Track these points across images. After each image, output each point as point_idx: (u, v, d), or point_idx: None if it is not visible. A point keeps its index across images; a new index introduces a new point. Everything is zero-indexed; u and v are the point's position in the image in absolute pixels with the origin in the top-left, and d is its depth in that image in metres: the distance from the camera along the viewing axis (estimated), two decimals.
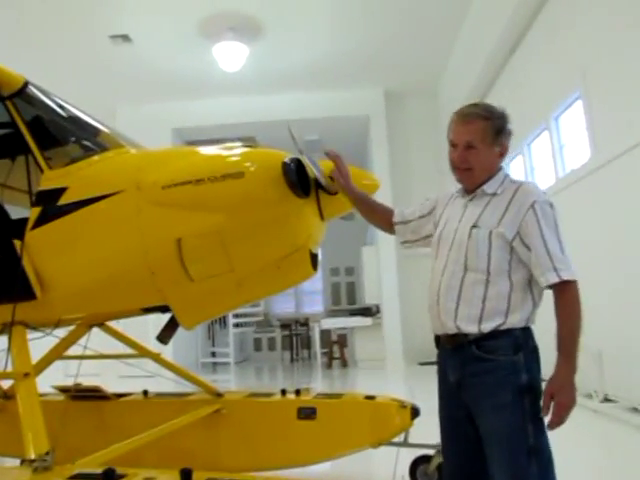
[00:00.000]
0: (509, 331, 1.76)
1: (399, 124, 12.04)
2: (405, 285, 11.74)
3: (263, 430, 3.50)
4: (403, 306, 11.61)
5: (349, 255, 15.32)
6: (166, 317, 2.89)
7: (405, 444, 3.43)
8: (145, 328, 4.59)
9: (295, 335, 15.14)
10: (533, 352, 1.79)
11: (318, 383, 11.23)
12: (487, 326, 1.76)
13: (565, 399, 1.66)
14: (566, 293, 1.73)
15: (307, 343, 15.25)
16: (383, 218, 2.32)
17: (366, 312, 12.84)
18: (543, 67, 7.07)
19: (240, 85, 11.06)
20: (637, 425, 4.63)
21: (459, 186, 2.06)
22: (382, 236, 11.53)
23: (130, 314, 3.02)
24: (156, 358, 3.48)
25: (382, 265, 11.69)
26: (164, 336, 2.82)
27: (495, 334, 1.75)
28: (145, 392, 3.90)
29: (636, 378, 4.91)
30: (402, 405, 3.43)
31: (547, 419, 1.72)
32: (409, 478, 3.39)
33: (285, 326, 15.33)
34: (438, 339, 1.98)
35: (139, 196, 2.50)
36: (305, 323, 15.34)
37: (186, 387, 3.86)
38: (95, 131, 3.09)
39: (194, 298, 2.63)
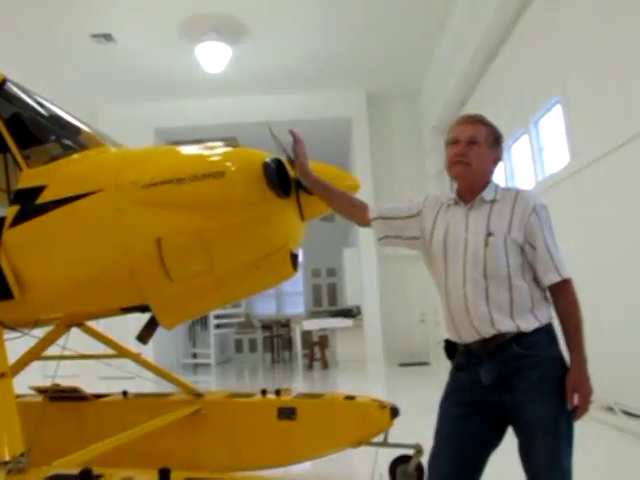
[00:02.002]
0: (542, 327, 1.87)
1: (381, 127, 12.11)
2: (386, 287, 11.80)
3: (243, 430, 3.50)
4: (384, 308, 11.67)
5: (330, 257, 15.36)
6: (146, 317, 2.88)
7: (385, 444, 3.45)
8: (125, 328, 4.56)
9: (276, 336, 15.12)
10: (559, 344, 1.92)
11: (299, 384, 11.23)
12: (523, 324, 1.86)
13: (586, 390, 1.82)
14: (567, 291, 1.87)
15: (288, 344, 15.24)
16: (350, 206, 2.30)
17: (347, 313, 12.88)
18: (523, 72, 7.16)
19: (223, 86, 11.05)
20: (613, 424, 4.71)
21: (443, 191, 2.10)
22: (363, 238, 11.58)
23: (109, 314, 3.00)
24: (136, 358, 3.46)
25: (363, 267, 11.73)
26: (144, 336, 2.81)
27: (532, 331, 1.86)
28: (124, 393, 3.88)
29: (611, 378, 4.99)
30: (382, 405, 3.45)
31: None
32: (388, 478, 3.41)
33: (266, 327, 15.31)
34: (453, 347, 2.02)
35: (119, 195, 2.49)
36: (286, 324, 15.33)
37: (166, 388, 3.84)
38: (75, 129, 3.07)
39: (174, 298, 2.62)
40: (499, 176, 8.25)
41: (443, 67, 10.04)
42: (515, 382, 1.85)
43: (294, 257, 2.78)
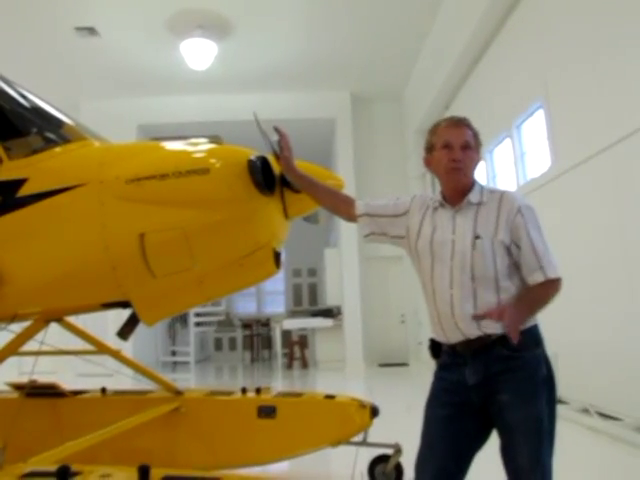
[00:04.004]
0: (528, 328, 1.87)
1: (364, 128, 12.15)
2: (366, 287, 11.84)
3: (223, 429, 3.49)
4: (364, 308, 11.71)
5: (311, 256, 15.36)
6: (126, 313, 2.85)
7: (364, 443, 3.47)
8: (104, 325, 4.52)
9: (256, 335, 15.09)
10: (544, 345, 1.94)
11: (278, 383, 11.21)
12: None
13: (509, 316, 1.76)
14: (551, 287, 1.89)
15: (268, 343, 15.21)
16: (335, 201, 2.29)
17: (327, 313, 12.88)
18: (506, 76, 7.24)
19: (208, 83, 10.99)
20: (588, 425, 4.78)
21: (428, 193, 2.11)
22: (345, 238, 11.61)
23: (90, 309, 2.97)
24: (116, 355, 3.42)
25: (344, 267, 11.75)
26: (124, 332, 2.78)
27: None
28: (103, 390, 3.83)
29: (587, 380, 5.07)
30: (362, 405, 3.46)
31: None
32: (367, 477, 3.43)
33: (246, 326, 15.26)
34: (438, 347, 2.03)
35: (102, 189, 2.46)
36: (266, 323, 15.31)
37: (145, 385, 3.81)
38: (58, 123, 3.03)
39: (155, 294, 2.60)
40: (481, 178, 8.32)
41: (427, 70, 10.10)
42: (500, 383, 1.86)
43: (277, 255, 2.78)
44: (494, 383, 1.87)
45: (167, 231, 2.43)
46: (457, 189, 2.00)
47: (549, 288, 1.89)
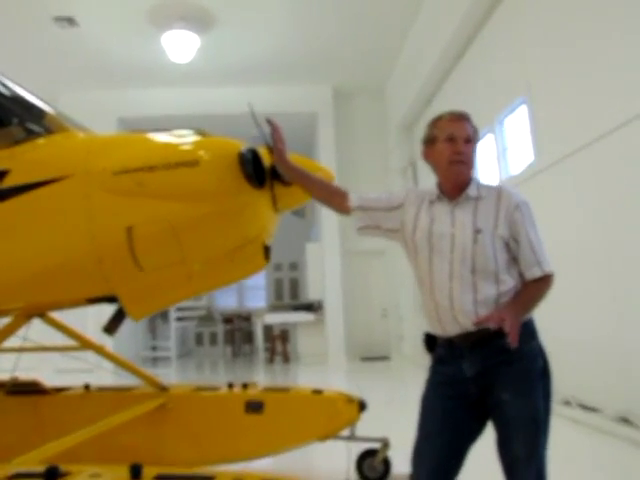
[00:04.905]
0: (525, 322, 1.88)
1: (347, 122, 12.13)
2: (348, 282, 11.85)
3: (210, 425, 3.45)
4: (346, 302, 11.72)
5: (293, 251, 15.31)
6: (107, 309, 2.79)
7: (352, 438, 3.47)
8: (84, 320, 4.44)
9: (237, 330, 15.03)
10: (539, 338, 1.96)
11: (260, 377, 11.17)
12: None
13: (507, 315, 1.75)
14: (544, 283, 1.92)
15: (249, 338, 15.16)
16: (328, 194, 2.26)
17: (309, 308, 12.87)
18: (490, 72, 7.26)
19: (190, 76, 10.86)
20: (570, 417, 4.85)
21: (420, 187, 2.10)
22: (327, 233, 11.61)
23: (74, 304, 2.90)
24: (100, 351, 3.36)
25: (326, 261, 11.74)
26: (111, 327, 2.73)
27: None
28: (87, 386, 3.77)
29: (569, 372, 5.13)
30: (349, 399, 3.46)
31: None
32: (355, 472, 3.43)
33: (227, 321, 15.18)
34: (433, 341, 2.02)
35: (88, 181, 2.40)
36: (248, 318, 15.24)
37: (128, 381, 3.75)
38: (40, 113, 2.94)
39: (143, 289, 2.55)
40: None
41: (410, 65, 10.10)
42: (497, 376, 1.87)
43: (267, 249, 2.75)
44: (491, 375, 1.88)
45: (155, 224, 2.38)
46: (457, 183, 1.99)
47: (543, 284, 1.92)
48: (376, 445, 3.43)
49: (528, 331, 1.92)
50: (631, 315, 4.55)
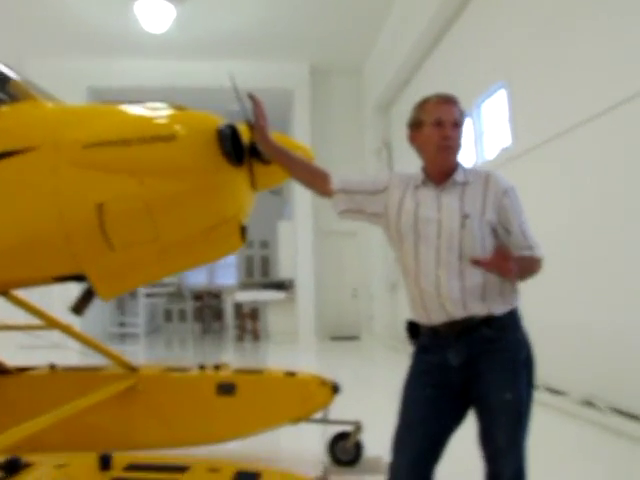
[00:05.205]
0: (510, 310, 1.89)
1: (323, 101, 11.98)
2: (320, 261, 11.81)
3: (181, 407, 3.39)
4: (317, 281, 11.70)
5: (264, 228, 15.17)
6: (73, 287, 2.67)
7: (325, 421, 3.44)
8: (49, 299, 4.29)
9: (207, 307, 14.92)
10: (524, 327, 1.95)
11: (230, 356, 11.13)
12: (494, 307, 1.86)
13: (515, 268, 1.76)
14: (535, 262, 1.91)
15: (219, 315, 15.07)
16: (310, 175, 2.18)
17: (280, 286, 12.82)
18: (469, 55, 7.21)
19: (165, 48, 10.55)
20: (537, 400, 4.90)
21: (405, 171, 2.05)
22: (300, 212, 11.52)
23: (41, 282, 2.77)
24: (67, 330, 3.23)
25: (298, 241, 11.67)
26: (79, 307, 2.62)
27: (502, 314, 1.87)
28: (52, 366, 3.63)
29: (537, 356, 5.20)
30: (322, 382, 3.43)
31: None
32: (328, 455, 3.41)
33: (197, 297, 15.05)
34: (416, 329, 1.98)
35: (56, 154, 2.27)
36: (217, 295, 15.13)
37: (96, 360, 3.64)
38: (4, 78, 2.77)
39: (114, 267, 2.44)
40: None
41: (389, 44, 9.98)
42: (482, 365, 1.85)
43: (243, 229, 2.66)
44: (477, 365, 1.86)
45: (128, 201, 2.26)
46: (444, 168, 1.94)
47: (536, 264, 1.91)
48: (348, 428, 3.41)
49: (513, 320, 1.91)
50: (598, 302, 4.63)
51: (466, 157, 7.43)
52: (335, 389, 3.42)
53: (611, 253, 4.52)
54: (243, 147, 2.43)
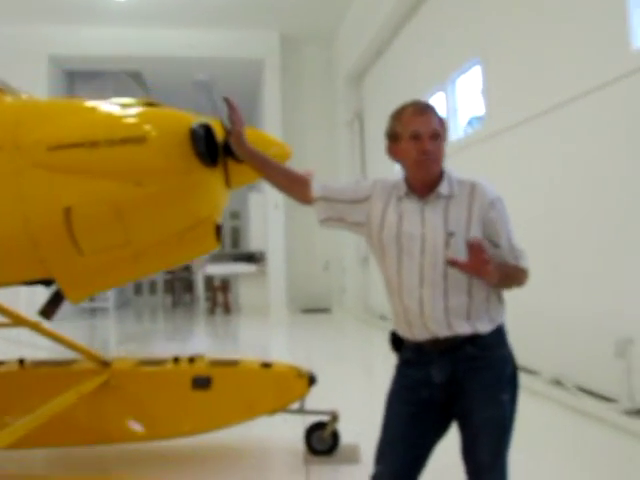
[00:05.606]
0: (496, 328, 1.87)
1: (293, 71, 11.75)
2: (291, 234, 11.76)
3: (155, 402, 3.35)
4: (288, 254, 11.67)
5: (234, 199, 14.95)
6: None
7: (301, 411, 3.44)
8: (15, 297, 4.16)
9: (177, 279, 14.78)
10: (509, 344, 1.93)
11: (201, 329, 11.11)
12: (479, 326, 1.84)
13: (492, 269, 1.70)
14: (521, 272, 1.88)
15: (189, 287, 14.97)
16: (289, 182, 2.12)
17: (250, 258, 12.76)
18: (445, 28, 7.09)
19: (129, 15, 10.17)
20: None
21: (387, 179, 1.98)
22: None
23: (8, 286, 2.66)
24: (35, 327, 3.13)
25: (269, 213, 11.59)
26: (48, 311, 2.52)
27: (487, 332, 1.85)
28: (21, 361, 3.52)
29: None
30: (299, 374, 3.42)
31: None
32: (304, 444, 3.43)
33: (167, 270, 14.87)
34: (400, 341, 1.95)
35: (18, 156, 2.14)
36: (188, 267, 14.98)
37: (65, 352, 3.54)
38: None
39: (84, 272, 2.35)
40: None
41: (362, 13, 9.77)
42: (466, 383, 1.83)
43: (218, 228, 2.59)
44: (460, 382, 1.84)
45: (97, 205, 2.16)
46: (426, 181, 1.87)
47: (521, 274, 1.88)
48: (325, 418, 3.43)
49: (498, 337, 1.88)
50: (567, 284, 4.71)
51: None
52: (311, 380, 3.41)
53: (583, 237, 4.58)
54: (217, 147, 2.34)
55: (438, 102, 7.40)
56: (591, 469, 3.34)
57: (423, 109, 1.86)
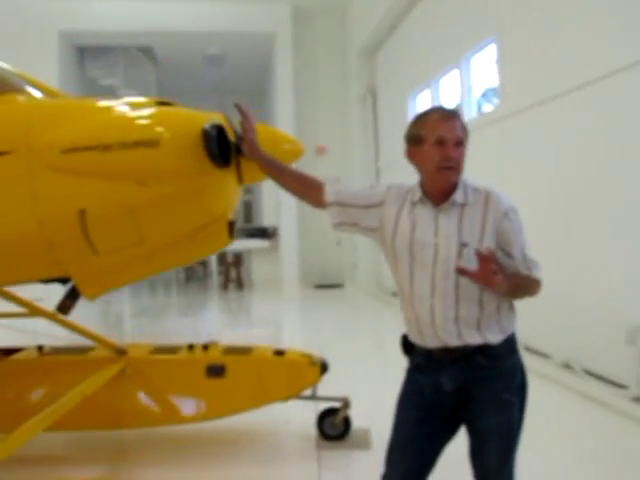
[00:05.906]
0: (507, 337, 1.88)
1: (306, 45, 11.59)
2: (303, 209, 11.73)
3: (171, 389, 3.43)
4: (301, 229, 11.68)
5: None
6: None
7: (314, 398, 3.51)
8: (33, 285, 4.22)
9: None
10: (520, 352, 1.94)
11: (214, 304, 11.23)
12: (490, 336, 1.85)
13: (500, 280, 1.69)
14: (534, 282, 1.88)
15: (203, 262, 15.06)
16: (303, 187, 2.13)
17: (263, 234, 12.80)
18: (461, 4, 6.94)
19: None
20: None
21: (402, 183, 1.97)
22: None
23: (26, 284, 2.71)
24: (52, 317, 3.19)
25: None
26: (65, 306, 2.58)
27: (498, 342, 1.86)
28: (40, 347, 3.61)
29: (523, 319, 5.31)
30: (311, 362, 3.47)
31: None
32: (316, 429, 3.50)
33: None
34: (411, 346, 1.97)
35: (32, 159, 2.16)
36: None
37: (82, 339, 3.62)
38: None
39: (99, 270, 2.39)
40: (426, 106, 8.18)
41: None
42: (475, 390, 1.86)
43: (231, 224, 2.61)
44: (470, 390, 1.87)
45: (111, 207, 2.19)
46: (444, 189, 1.85)
47: (534, 284, 1.88)
48: (337, 404, 3.49)
49: (510, 347, 1.90)
50: (580, 270, 4.71)
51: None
52: (324, 368, 3.46)
53: (593, 221, 4.55)
54: (230, 146, 2.34)
55: (452, 80, 7.31)
56: (597, 455, 3.38)
57: (449, 115, 1.84)
